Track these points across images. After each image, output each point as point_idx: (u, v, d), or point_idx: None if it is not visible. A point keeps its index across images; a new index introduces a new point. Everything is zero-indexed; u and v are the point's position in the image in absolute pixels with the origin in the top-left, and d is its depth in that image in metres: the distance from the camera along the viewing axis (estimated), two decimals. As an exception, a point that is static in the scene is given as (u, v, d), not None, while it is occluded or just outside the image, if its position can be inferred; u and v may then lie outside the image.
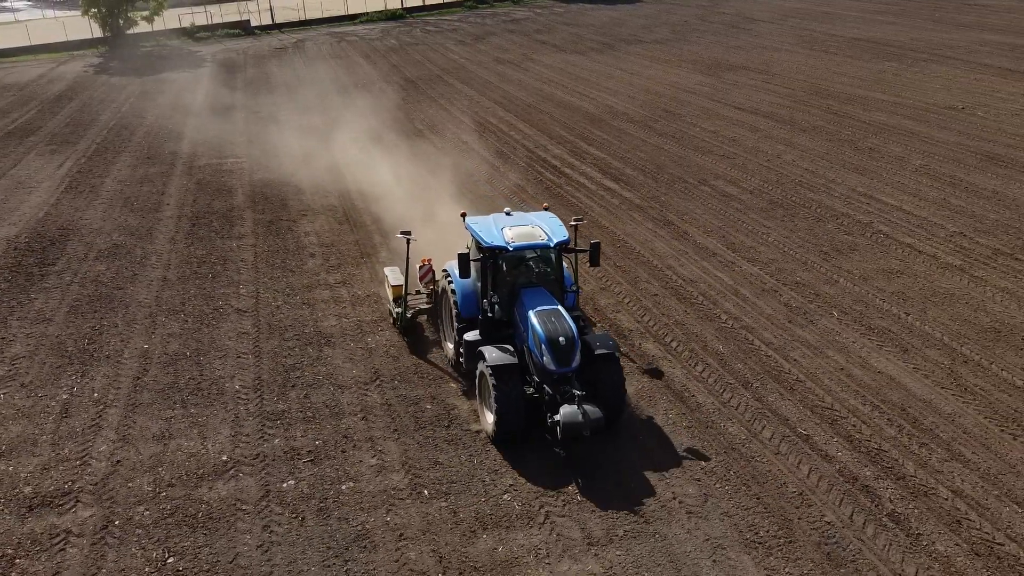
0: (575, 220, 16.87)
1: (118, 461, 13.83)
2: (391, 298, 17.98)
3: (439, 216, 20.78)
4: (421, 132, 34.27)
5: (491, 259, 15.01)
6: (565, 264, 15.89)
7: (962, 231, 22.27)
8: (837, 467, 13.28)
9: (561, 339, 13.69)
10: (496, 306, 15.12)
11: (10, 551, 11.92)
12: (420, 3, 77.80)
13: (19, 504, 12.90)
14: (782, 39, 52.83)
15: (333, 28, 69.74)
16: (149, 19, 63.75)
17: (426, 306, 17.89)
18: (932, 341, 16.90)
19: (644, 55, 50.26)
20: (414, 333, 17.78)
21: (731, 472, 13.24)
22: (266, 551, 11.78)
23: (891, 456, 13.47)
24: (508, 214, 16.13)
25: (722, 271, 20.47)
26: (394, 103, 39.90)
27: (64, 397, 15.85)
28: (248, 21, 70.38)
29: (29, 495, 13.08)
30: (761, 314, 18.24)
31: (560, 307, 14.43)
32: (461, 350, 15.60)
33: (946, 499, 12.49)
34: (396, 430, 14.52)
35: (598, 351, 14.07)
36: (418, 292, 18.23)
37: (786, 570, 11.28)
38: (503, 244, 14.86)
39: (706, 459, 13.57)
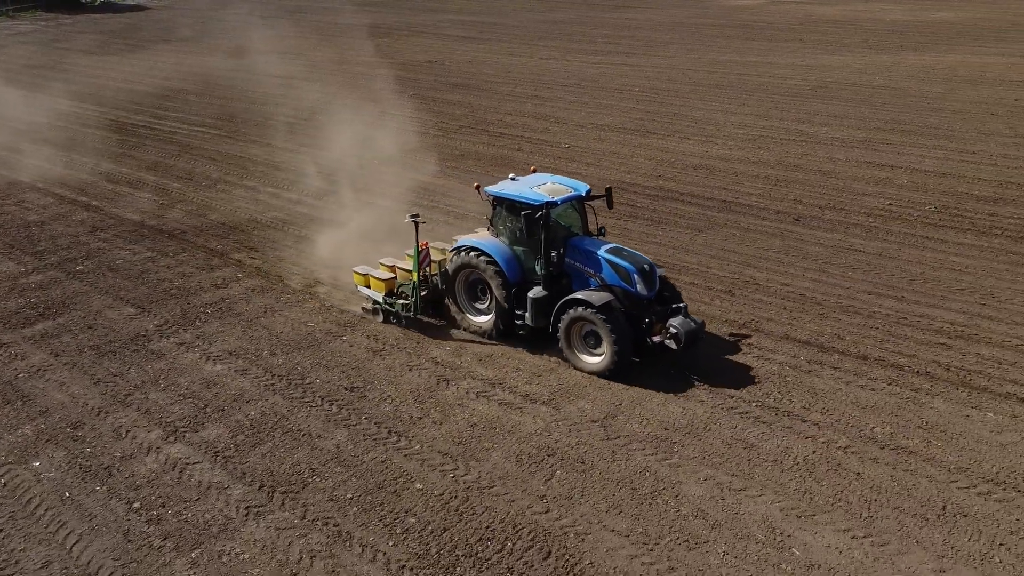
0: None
1: None
2: (381, 293, 18.81)
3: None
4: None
5: (543, 216, 16.46)
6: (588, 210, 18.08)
7: (442, 122, 37.69)
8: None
9: (645, 266, 16.20)
10: (555, 259, 16.88)
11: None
12: (-102, 23, 76.78)
13: None
14: (294, 30, 66.64)
15: None
16: None
17: (422, 292, 18.78)
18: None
19: (176, 50, 60.17)
20: (417, 323, 18.85)
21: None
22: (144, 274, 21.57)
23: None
24: (514, 179, 17.84)
25: (298, 157, 32.96)
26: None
27: None
28: None
29: None
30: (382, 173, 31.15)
31: (616, 244, 16.94)
32: (520, 312, 17.12)
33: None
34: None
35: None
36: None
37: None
38: (550, 199, 16.58)
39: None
